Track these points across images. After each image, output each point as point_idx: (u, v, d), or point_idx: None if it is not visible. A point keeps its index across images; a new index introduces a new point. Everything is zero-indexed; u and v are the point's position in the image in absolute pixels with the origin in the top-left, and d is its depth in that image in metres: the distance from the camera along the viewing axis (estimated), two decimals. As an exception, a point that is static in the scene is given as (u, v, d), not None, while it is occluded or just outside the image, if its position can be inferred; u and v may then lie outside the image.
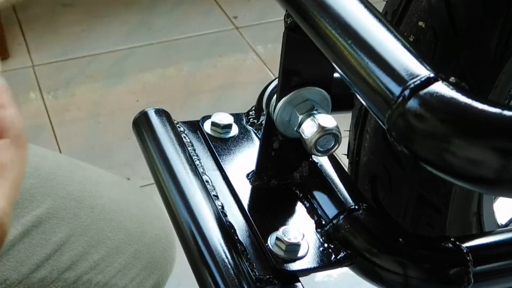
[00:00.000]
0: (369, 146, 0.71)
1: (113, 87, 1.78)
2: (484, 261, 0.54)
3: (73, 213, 0.70)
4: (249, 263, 0.51)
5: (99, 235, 0.70)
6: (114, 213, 0.72)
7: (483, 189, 0.37)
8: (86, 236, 0.70)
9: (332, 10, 0.44)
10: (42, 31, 1.92)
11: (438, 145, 0.36)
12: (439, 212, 0.70)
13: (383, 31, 0.41)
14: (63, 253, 0.68)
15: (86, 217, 0.70)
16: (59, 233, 0.68)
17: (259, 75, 1.82)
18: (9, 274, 0.65)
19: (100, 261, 0.70)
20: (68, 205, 0.70)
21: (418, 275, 0.51)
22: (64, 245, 0.68)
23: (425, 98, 0.36)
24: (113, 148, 1.59)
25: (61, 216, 0.69)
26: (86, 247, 0.69)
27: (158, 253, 0.75)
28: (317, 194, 0.57)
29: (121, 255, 0.71)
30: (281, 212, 0.56)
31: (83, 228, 0.70)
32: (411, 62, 0.39)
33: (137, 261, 0.72)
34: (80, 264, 0.68)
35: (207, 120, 0.63)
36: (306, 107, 0.54)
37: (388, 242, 0.52)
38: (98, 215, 0.71)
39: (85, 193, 0.72)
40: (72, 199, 0.70)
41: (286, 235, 0.51)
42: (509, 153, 0.34)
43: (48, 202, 0.68)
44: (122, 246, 0.71)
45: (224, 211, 0.55)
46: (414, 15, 0.64)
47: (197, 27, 1.97)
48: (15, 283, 0.65)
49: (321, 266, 0.51)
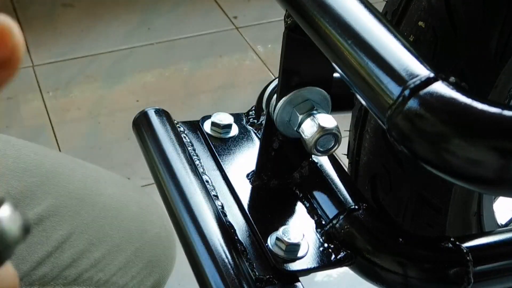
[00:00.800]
0: (369, 146, 0.71)
1: (113, 87, 1.78)
2: (484, 261, 0.54)
3: (74, 211, 0.70)
4: (249, 263, 0.51)
5: (100, 233, 0.70)
6: (115, 211, 0.73)
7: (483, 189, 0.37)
8: (87, 234, 0.70)
9: (332, 10, 0.44)
10: (42, 31, 1.92)
11: (438, 145, 0.36)
12: (439, 212, 0.70)
13: (383, 31, 0.41)
14: (63, 250, 0.68)
15: (87, 215, 0.70)
16: (60, 230, 0.68)
17: (259, 75, 1.82)
18: None
19: (101, 259, 0.70)
20: (69, 203, 0.70)
21: (418, 275, 0.51)
22: (65, 243, 0.68)
23: (425, 98, 0.36)
24: (113, 148, 1.59)
25: (62, 214, 0.69)
26: (87, 245, 0.69)
27: (159, 251, 0.75)
28: (317, 194, 0.57)
29: (122, 253, 0.71)
30: (281, 212, 0.56)
31: (84, 226, 0.70)
32: (411, 62, 0.39)
33: (138, 259, 0.72)
34: (81, 262, 0.69)
35: (207, 120, 0.63)
36: (306, 107, 0.54)
37: (388, 242, 0.52)
38: (99, 213, 0.71)
39: (86, 191, 0.72)
40: (73, 197, 0.70)
41: (286, 235, 0.51)
42: (509, 153, 0.34)
43: (49, 200, 0.68)
44: (123, 244, 0.71)
45: (224, 211, 0.55)
46: (414, 15, 0.64)
47: (197, 27, 1.97)
48: None
49: (321, 266, 0.51)
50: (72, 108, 1.69)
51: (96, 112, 1.68)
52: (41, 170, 0.70)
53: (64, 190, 0.70)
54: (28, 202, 0.67)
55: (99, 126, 1.65)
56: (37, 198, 0.68)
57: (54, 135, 1.61)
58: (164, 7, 2.04)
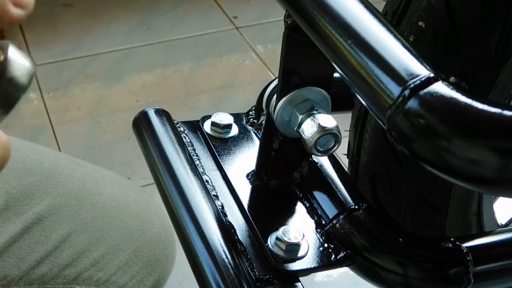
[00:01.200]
0: (369, 146, 0.71)
1: (113, 87, 1.78)
2: (484, 261, 0.54)
3: (74, 210, 0.70)
4: (249, 263, 0.51)
5: (99, 232, 0.70)
6: (115, 211, 0.73)
7: (483, 189, 0.37)
8: (87, 233, 0.70)
9: (332, 10, 0.44)
10: (42, 31, 1.92)
11: (438, 145, 0.36)
12: (439, 212, 0.70)
13: (383, 31, 0.41)
14: (63, 250, 0.68)
15: (86, 214, 0.70)
16: (60, 230, 0.68)
17: (259, 75, 1.82)
18: (10, 271, 0.65)
19: (100, 258, 0.70)
20: (68, 203, 0.70)
21: (418, 275, 0.51)
22: (65, 242, 0.68)
23: (425, 98, 0.36)
24: (113, 148, 1.59)
25: (62, 213, 0.69)
26: (87, 244, 0.69)
27: (158, 251, 0.75)
28: (317, 194, 0.57)
29: (122, 252, 0.71)
30: (281, 212, 0.56)
31: (83, 225, 0.70)
32: (411, 62, 0.39)
33: (138, 259, 0.72)
34: (80, 261, 0.69)
35: (207, 120, 0.63)
36: (306, 107, 0.54)
37: (388, 242, 0.52)
38: (98, 212, 0.71)
39: (86, 191, 0.72)
40: (72, 196, 0.70)
41: (286, 235, 0.51)
42: (509, 153, 0.34)
43: (48, 199, 0.68)
44: (122, 244, 0.72)
45: (224, 211, 0.55)
46: (414, 15, 0.64)
47: (197, 27, 1.97)
48: (16, 280, 0.65)
49: (321, 266, 0.51)
50: (72, 108, 1.69)
51: (96, 112, 1.68)
52: (40, 169, 0.70)
53: (63, 190, 0.70)
54: (28, 202, 0.67)
55: (99, 126, 1.65)
56: (37, 198, 0.68)
57: (54, 135, 1.61)
58: (164, 7, 2.04)
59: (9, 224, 0.66)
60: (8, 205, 0.66)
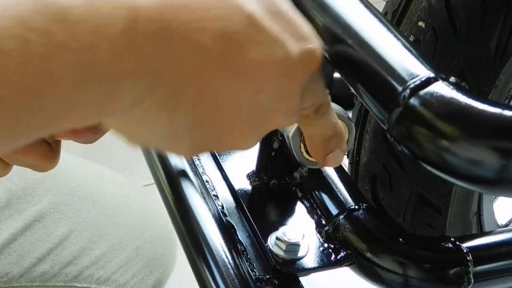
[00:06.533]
0: (369, 146, 0.71)
1: (113, 87, 1.78)
2: (484, 261, 0.54)
3: (75, 208, 0.70)
4: (249, 263, 0.51)
5: (100, 230, 0.71)
6: (116, 210, 0.73)
7: (483, 189, 0.37)
8: (88, 232, 0.70)
9: (332, 10, 0.44)
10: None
11: (438, 145, 0.36)
12: (439, 212, 0.70)
13: (383, 31, 0.41)
14: (64, 248, 0.68)
15: (88, 212, 0.71)
16: (61, 228, 0.68)
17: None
18: (11, 268, 0.65)
19: (101, 256, 0.70)
20: (70, 201, 0.70)
21: (418, 275, 0.51)
22: (66, 240, 0.68)
23: (425, 98, 0.36)
24: (113, 148, 1.59)
25: (63, 211, 0.69)
26: (88, 242, 0.69)
27: (159, 250, 0.75)
28: (317, 194, 0.57)
29: (123, 251, 0.71)
30: (281, 212, 0.56)
31: (84, 223, 0.70)
32: (411, 62, 0.39)
33: (139, 257, 0.73)
34: (82, 259, 0.69)
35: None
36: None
37: (388, 242, 0.52)
38: (100, 211, 0.71)
39: (87, 189, 0.72)
40: (74, 194, 0.70)
41: (286, 235, 0.51)
42: (509, 153, 0.34)
43: (50, 197, 0.69)
44: (123, 242, 0.72)
45: (224, 211, 0.55)
46: (414, 15, 0.64)
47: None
48: (17, 277, 0.65)
49: (321, 266, 0.51)
50: (72, 108, 1.69)
51: (96, 112, 1.68)
52: (42, 168, 0.70)
53: (65, 188, 0.70)
54: (30, 199, 0.68)
55: (99, 126, 1.65)
56: (38, 195, 0.68)
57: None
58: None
59: (10, 221, 0.66)
60: (10, 202, 0.66)
